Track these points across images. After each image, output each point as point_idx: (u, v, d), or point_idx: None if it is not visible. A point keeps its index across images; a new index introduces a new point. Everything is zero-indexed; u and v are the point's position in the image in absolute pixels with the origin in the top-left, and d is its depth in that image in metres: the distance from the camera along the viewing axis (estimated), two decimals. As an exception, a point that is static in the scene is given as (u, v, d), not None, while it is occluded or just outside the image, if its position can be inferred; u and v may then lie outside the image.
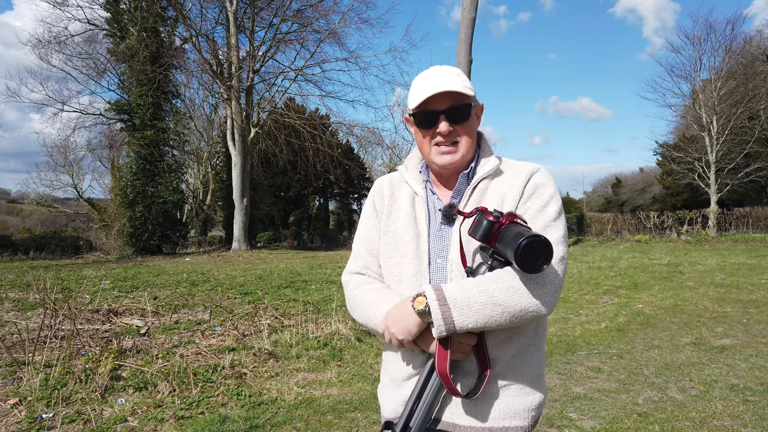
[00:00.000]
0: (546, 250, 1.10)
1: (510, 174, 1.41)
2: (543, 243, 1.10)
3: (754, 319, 6.57)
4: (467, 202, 1.38)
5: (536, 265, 1.11)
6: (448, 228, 1.38)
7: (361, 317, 1.41)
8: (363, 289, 1.44)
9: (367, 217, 1.54)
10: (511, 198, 1.36)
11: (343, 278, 1.55)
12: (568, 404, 3.89)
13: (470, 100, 1.37)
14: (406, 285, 1.39)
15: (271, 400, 4.00)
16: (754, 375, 4.41)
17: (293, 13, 23.53)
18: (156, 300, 8.42)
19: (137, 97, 21.60)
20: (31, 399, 3.83)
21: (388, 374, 1.46)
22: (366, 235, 1.51)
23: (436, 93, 1.31)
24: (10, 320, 6.67)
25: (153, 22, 21.56)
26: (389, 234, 1.45)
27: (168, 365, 4.54)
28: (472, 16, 14.70)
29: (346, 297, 1.51)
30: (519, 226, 1.17)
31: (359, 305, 1.42)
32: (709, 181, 25.99)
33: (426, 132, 1.38)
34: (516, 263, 1.10)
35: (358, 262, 1.51)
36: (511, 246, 1.10)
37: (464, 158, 1.39)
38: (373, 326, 1.37)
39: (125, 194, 21.81)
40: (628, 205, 40.26)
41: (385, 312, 1.32)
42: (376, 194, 1.53)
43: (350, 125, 25.66)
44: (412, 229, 1.41)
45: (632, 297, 8.48)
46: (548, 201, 1.35)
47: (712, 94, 25.11)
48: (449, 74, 1.36)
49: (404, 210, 1.45)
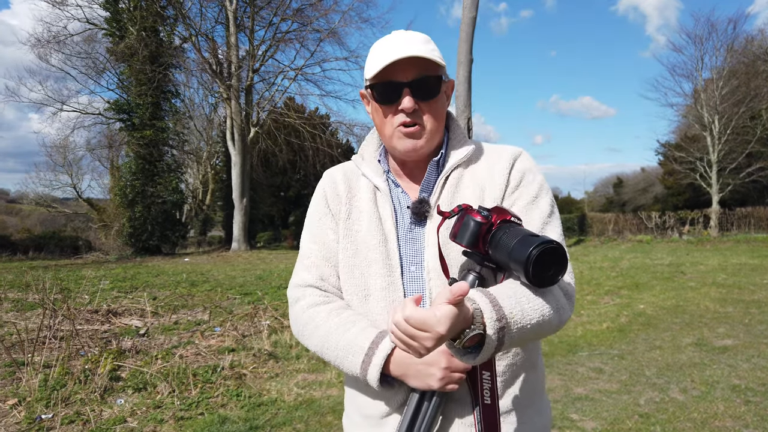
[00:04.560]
0: (559, 258, 0.91)
1: (488, 159, 1.19)
2: (555, 250, 0.90)
3: (756, 319, 6.54)
4: (439, 195, 1.15)
5: (549, 277, 0.92)
6: (419, 228, 1.15)
7: (327, 353, 1.11)
8: (323, 313, 1.14)
9: (319, 217, 1.25)
10: (494, 188, 1.14)
11: (292, 293, 1.22)
12: (570, 405, 3.87)
13: (440, 72, 1.12)
14: (375, 300, 1.13)
15: (270, 401, 3.99)
16: (756, 376, 4.39)
17: (293, 12, 23.54)
18: (155, 300, 8.40)
19: (136, 96, 21.59)
20: (30, 400, 3.82)
21: (359, 409, 1.19)
22: (320, 239, 1.22)
23: (400, 58, 1.05)
24: (9, 320, 6.65)
25: (152, 22, 21.54)
26: (349, 239, 1.18)
27: (167, 366, 4.52)
28: (473, 14, 14.66)
29: (294, 318, 1.20)
30: (514, 226, 0.98)
31: (324, 336, 1.11)
32: (711, 181, 25.96)
33: (387, 109, 1.12)
34: (526, 278, 0.91)
35: (311, 272, 1.20)
36: (517, 257, 0.91)
37: (430, 144, 1.14)
38: (349, 369, 1.07)
39: (124, 194, 21.79)
40: (630, 205, 40.22)
41: (382, 358, 1.03)
42: (328, 190, 1.25)
43: (350, 125, 25.66)
44: (377, 232, 1.15)
45: (634, 297, 8.46)
46: (539, 191, 1.15)
47: (714, 93, 25.08)
48: (416, 39, 1.11)
49: (365, 209, 1.19)
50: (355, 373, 1.06)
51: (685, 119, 30.14)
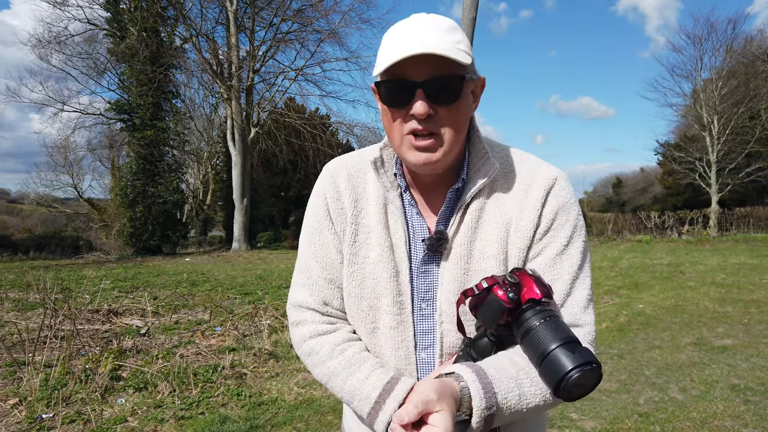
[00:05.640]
0: (593, 378, 0.79)
1: (518, 184, 1.01)
2: (593, 373, 0.79)
3: (755, 319, 6.55)
4: (457, 228, 1.00)
5: (580, 395, 0.82)
6: (432, 265, 1.01)
7: (331, 389, 1.03)
8: (327, 347, 1.04)
9: (320, 230, 1.08)
10: (521, 229, 0.99)
11: (292, 314, 1.10)
12: (569, 404, 3.88)
13: (464, 71, 0.92)
14: (384, 338, 1.03)
15: (271, 401, 4.00)
16: (755, 375, 4.40)
17: (293, 12, 23.55)
18: (156, 300, 8.42)
19: (137, 97, 21.60)
20: (31, 399, 3.83)
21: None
22: (322, 258, 1.08)
23: (412, 55, 0.86)
24: (10, 320, 6.66)
25: (153, 22, 21.56)
26: (356, 266, 1.04)
27: (168, 365, 4.54)
28: (473, 15, 14.63)
29: (296, 343, 1.09)
30: (546, 315, 0.84)
31: (328, 375, 1.02)
32: (710, 181, 25.99)
33: (396, 112, 0.93)
34: (553, 392, 0.82)
35: (313, 295, 1.08)
36: (550, 369, 0.80)
37: (447, 158, 0.95)
38: (357, 412, 0.99)
39: (125, 194, 21.81)
40: (629, 205, 40.26)
41: (390, 412, 0.91)
42: (331, 200, 1.08)
43: (350, 125, 25.69)
44: (388, 263, 1.01)
45: (633, 297, 8.47)
46: (572, 235, 0.99)
47: (713, 93, 25.12)
48: (437, 28, 0.90)
49: (374, 231, 1.03)
50: (363, 417, 0.98)
51: (684, 119, 30.21)
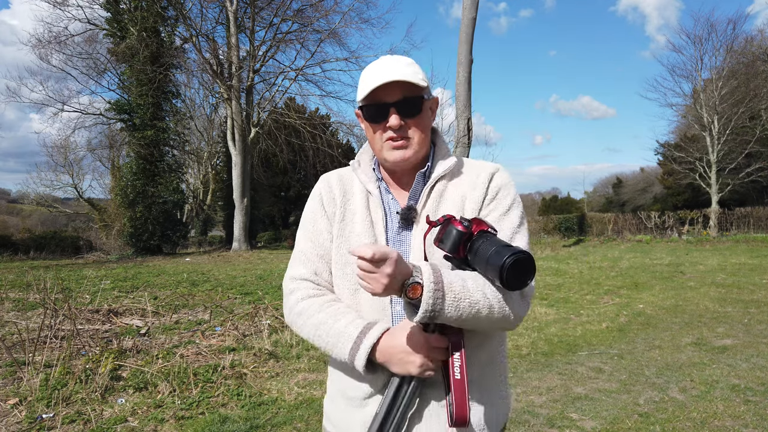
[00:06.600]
0: (530, 267, 1.04)
1: (470, 174, 1.34)
2: (527, 260, 1.03)
3: (756, 319, 6.55)
4: (425, 203, 1.30)
5: (521, 282, 1.04)
6: (406, 232, 1.29)
7: (319, 340, 1.25)
8: (316, 304, 1.27)
9: (315, 219, 1.38)
10: (473, 200, 1.29)
11: (287, 285, 1.36)
12: (569, 404, 3.89)
13: (423, 92, 1.27)
14: (364, 296, 1.26)
15: (271, 401, 4.00)
16: (755, 375, 4.40)
17: (293, 12, 23.54)
18: (156, 300, 8.42)
19: (137, 96, 21.60)
20: (31, 399, 3.83)
21: (342, 392, 1.31)
22: (315, 238, 1.36)
23: (385, 83, 1.21)
24: (11, 320, 6.67)
25: (153, 22, 21.56)
26: (342, 238, 1.32)
27: (168, 365, 4.54)
28: (473, 15, 14.68)
29: (289, 308, 1.33)
30: (491, 236, 1.10)
31: (316, 325, 1.25)
32: (710, 181, 25.97)
33: (376, 126, 1.28)
34: (500, 282, 1.03)
35: (306, 267, 1.34)
36: (493, 264, 1.04)
37: (417, 154, 1.29)
38: (339, 355, 1.21)
39: (125, 194, 21.81)
40: (629, 205, 40.24)
41: (368, 346, 1.15)
42: (324, 193, 1.39)
43: (350, 125, 25.59)
44: (369, 234, 1.29)
45: (633, 297, 8.47)
46: (511, 205, 1.30)
47: (713, 93, 25.09)
48: (400, 63, 1.26)
49: (359, 212, 1.33)
50: (344, 358, 1.19)
51: (684, 119, 30.21)
